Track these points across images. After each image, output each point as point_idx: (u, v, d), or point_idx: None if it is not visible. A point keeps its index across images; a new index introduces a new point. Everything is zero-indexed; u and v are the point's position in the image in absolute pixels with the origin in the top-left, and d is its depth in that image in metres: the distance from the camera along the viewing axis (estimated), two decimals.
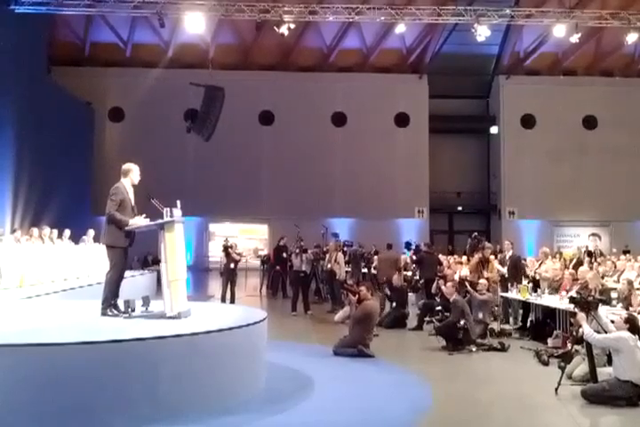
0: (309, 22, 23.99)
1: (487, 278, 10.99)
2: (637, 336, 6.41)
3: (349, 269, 15.52)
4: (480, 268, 11.39)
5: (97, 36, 28.08)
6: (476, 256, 11.63)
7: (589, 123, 30.56)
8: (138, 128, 27.63)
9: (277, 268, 17.21)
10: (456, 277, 11.81)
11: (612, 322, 6.78)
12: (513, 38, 29.18)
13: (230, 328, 6.13)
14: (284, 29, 19.86)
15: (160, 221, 6.70)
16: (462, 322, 9.14)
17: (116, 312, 6.77)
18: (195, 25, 19.86)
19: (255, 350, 6.58)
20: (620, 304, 8.58)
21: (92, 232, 14.44)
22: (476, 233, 13.10)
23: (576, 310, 6.89)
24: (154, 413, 5.25)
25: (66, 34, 27.42)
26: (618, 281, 11.18)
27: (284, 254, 16.62)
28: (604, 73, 30.36)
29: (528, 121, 30.59)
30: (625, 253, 21.54)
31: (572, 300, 7.10)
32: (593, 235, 30.31)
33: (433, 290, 11.95)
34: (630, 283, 8.85)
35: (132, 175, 6.99)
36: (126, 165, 7.07)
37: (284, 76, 28.82)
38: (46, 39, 23.79)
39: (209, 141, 26.04)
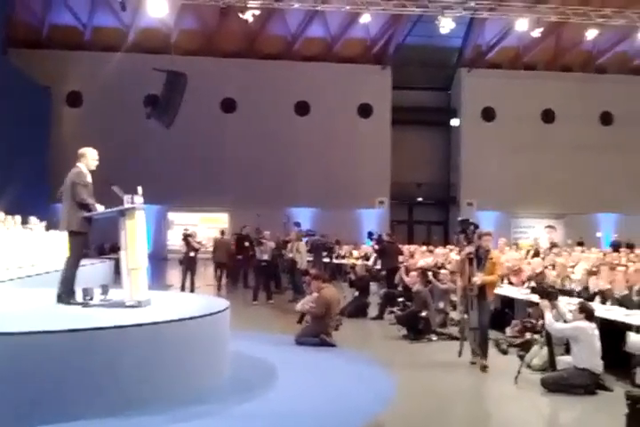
0: (274, 9, 23.76)
1: (486, 285, 7.52)
2: (594, 324, 6.54)
3: (311, 259, 15.51)
4: (468, 268, 7.50)
5: (56, 18, 27.34)
6: (465, 251, 7.66)
7: (548, 117, 31.09)
8: (97, 113, 27.04)
9: (239, 257, 17.06)
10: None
11: (570, 312, 6.91)
12: (476, 31, 29.41)
13: (194, 317, 6.06)
14: (248, 16, 19.65)
15: (121, 207, 6.57)
16: (424, 312, 9.22)
17: (74, 300, 6.63)
18: (157, 9, 19.45)
19: (218, 340, 6.53)
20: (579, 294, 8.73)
21: (34, 219, 14.00)
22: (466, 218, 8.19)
23: (538, 300, 7.00)
24: (117, 403, 5.18)
25: (24, 15, 26.62)
26: (573, 272, 11.40)
27: (246, 243, 16.47)
28: (564, 68, 30.90)
29: (488, 114, 30.96)
30: (579, 244, 22.05)
31: (533, 290, 7.21)
32: (548, 226, 30.91)
33: (396, 280, 12.00)
34: (589, 273, 9.05)
35: (86, 160, 6.84)
36: (81, 150, 6.95)
37: (247, 63, 28.50)
38: (3, 20, 23.07)
39: (170, 128, 25.62)
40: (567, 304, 7.48)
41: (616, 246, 20.06)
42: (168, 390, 5.59)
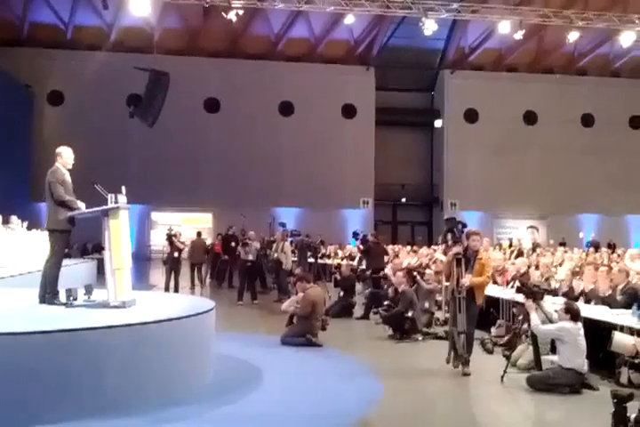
0: (258, 9, 23.68)
1: (476, 286, 7.17)
2: (580, 324, 6.57)
3: (296, 259, 15.48)
4: (456, 269, 7.14)
5: (37, 16, 27.08)
6: (452, 251, 7.30)
7: (529, 118, 31.33)
8: (79, 112, 26.78)
9: (225, 257, 16.99)
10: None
11: (556, 312, 6.93)
12: (458, 33, 29.59)
13: (179, 318, 6.00)
14: (232, 15, 19.58)
15: (104, 207, 6.50)
16: (410, 312, 9.23)
17: (58, 301, 6.55)
18: (139, 8, 19.38)
19: (203, 340, 6.47)
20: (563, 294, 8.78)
21: (15, 218, 13.80)
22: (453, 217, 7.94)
23: (523, 300, 7.01)
24: (99, 405, 5.11)
25: (4, 13, 26.31)
26: (556, 272, 11.47)
27: (233, 244, 16.40)
28: (545, 70, 31.17)
29: (471, 115, 31.12)
30: (561, 245, 22.27)
31: (519, 290, 7.23)
32: (531, 227, 31.16)
33: (385, 287, 11.96)
34: (574, 273, 9.12)
35: (62, 159, 6.79)
36: (57, 149, 6.91)
37: (230, 63, 28.42)
38: None
39: (153, 128, 25.47)
40: (552, 304, 7.51)
41: (594, 246, 20.26)
42: (151, 392, 5.53)
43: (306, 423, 5.40)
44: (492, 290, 10.24)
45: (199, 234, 17.19)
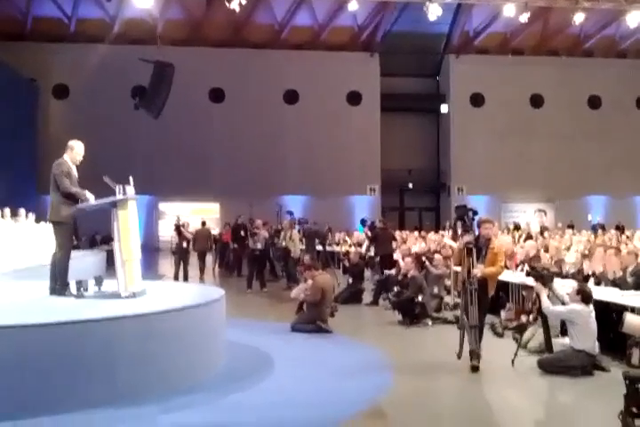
0: None
1: (489, 276, 6.84)
2: (591, 306, 6.56)
3: (304, 247, 15.51)
4: (467, 259, 6.69)
5: (39, 10, 27.06)
6: (463, 240, 6.88)
7: (536, 101, 31.12)
8: (84, 105, 26.82)
9: (235, 246, 17.06)
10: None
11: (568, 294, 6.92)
12: (463, 17, 29.33)
13: (189, 307, 6.03)
14: (234, 5, 19.48)
15: (113, 198, 6.52)
16: (420, 297, 9.25)
17: (68, 292, 6.59)
18: None
19: (215, 329, 6.51)
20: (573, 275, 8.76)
21: (23, 211, 13.83)
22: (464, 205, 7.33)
23: (533, 283, 7.01)
24: (110, 395, 5.14)
25: (6, 8, 26.29)
26: (565, 255, 11.43)
27: (242, 233, 16.44)
28: (551, 53, 30.90)
29: (477, 99, 30.94)
30: (570, 227, 22.20)
31: (528, 273, 7.23)
32: (539, 210, 31.01)
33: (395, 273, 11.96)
34: (584, 256, 9.09)
35: (72, 152, 6.81)
36: (70, 142, 6.91)
37: (234, 52, 28.33)
38: None
39: (158, 119, 25.47)
40: (562, 287, 7.50)
41: (601, 228, 20.16)
42: (162, 381, 5.55)
43: (314, 410, 5.38)
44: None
45: (204, 223, 17.32)
